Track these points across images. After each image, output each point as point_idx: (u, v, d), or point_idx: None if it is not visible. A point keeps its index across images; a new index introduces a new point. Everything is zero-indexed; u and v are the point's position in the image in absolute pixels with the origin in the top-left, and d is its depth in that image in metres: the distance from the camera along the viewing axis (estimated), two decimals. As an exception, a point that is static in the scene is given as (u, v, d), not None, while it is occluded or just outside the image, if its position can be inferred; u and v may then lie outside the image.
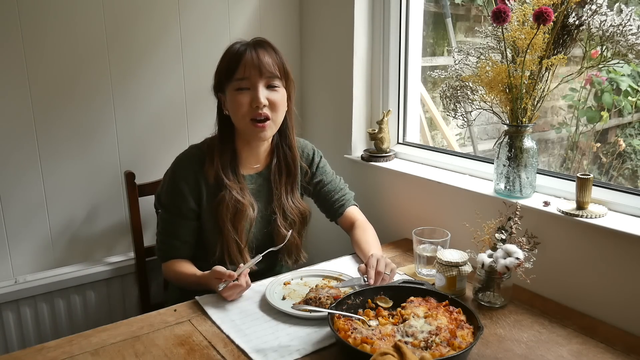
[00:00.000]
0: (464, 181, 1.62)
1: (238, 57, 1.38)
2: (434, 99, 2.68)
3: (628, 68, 2.29)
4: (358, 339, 1.04)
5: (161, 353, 1.11)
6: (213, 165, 1.43)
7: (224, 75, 1.41)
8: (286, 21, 2.10)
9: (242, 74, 1.38)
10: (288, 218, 1.52)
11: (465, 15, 2.92)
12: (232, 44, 1.43)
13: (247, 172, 1.50)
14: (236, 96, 1.39)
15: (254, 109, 1.38)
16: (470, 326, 1.10)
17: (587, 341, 1.16)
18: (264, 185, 1.52)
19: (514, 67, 1.37)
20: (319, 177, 1.62)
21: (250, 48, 1.39)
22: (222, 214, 1.42)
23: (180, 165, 1.47)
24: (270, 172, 1.52)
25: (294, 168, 1.54)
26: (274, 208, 1.51)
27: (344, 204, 1.63)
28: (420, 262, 1.46)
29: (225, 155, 1.45)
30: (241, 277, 1.29)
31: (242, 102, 1.38)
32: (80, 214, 1.79)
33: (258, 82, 1.38)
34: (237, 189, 1.44)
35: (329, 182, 1.63)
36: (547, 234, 1.34)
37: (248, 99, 1.38)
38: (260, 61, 1.37)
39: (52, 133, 1.69)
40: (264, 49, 1.40)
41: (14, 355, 1.12)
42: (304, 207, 1.56)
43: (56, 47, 1.66)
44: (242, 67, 1.37)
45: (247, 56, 1.38)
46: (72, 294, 1.76)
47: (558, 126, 2.73)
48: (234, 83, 1.39)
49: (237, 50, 1.40)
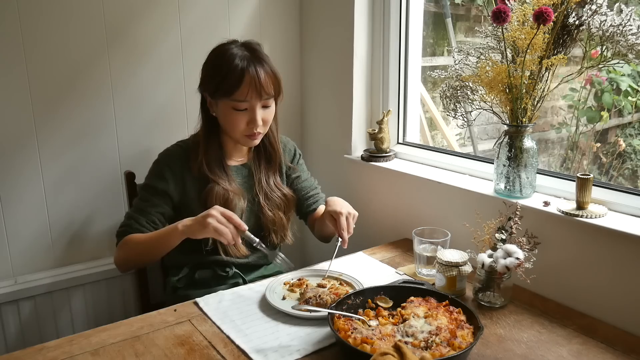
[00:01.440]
0: (464, 181, 1.62)
1: (239, 75, 1.37)
2: (434, 99, 2.68)
3: (628, 68, 2.29)
4: (358, 339, 1.04)
5: (161, 353, 1.11)
6: (198, 159, 1.45)
7: (222, 90, 1.39)
8: (286, 21, 2.10)
9: (243, 96, 1.38)
10: (272, 200, 1.55)
11: (465, 15, 2.92)
12: (226, 50, 1.41)
13: (233, 164, 1.54)
14: (233, 115, 1.41)
15: (249, 128, 1.42)
16: (470, 326, 1.10)
17: (587, 341, 1.16)
18: (249, 177, 1.55)
19: (514, 67, 1.37)
20: (298, 173, 1.66)
21: (251, 66, 1.37)
22: (212, 204, 1.43)
23: (166, 155, 1.49)
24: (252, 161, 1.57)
25: (274, 155, 1.57)
26: (256, 191, 1.54)
27: (317, 200, 1.67)
28: (420, 262, 1.46)
29: (211, 149, 1.48)
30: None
31: (240, 122, 1.41)
32: (80, 214, 1.79)
33: (257, 104, 1.40)
34: (224, 179, 1.47)
35: (305, 180, 1.67)
36: (547, 234, 1.34)
37: (245, 119, 1.41)
38: (260, 83, 1.38)
39: (52, 133, 1.69)
40: (262, 66, 1.39)
41: (14, 355, 1.12)
42: (287, 190, 1.59)
43: (56, 47, 1.66)
44: (244, 89, 1.37)
45: (249, 77, 1.37)
46: (72, 294, 1.76)
47: (558, 126, 2.74)
48: (233, 102, 1.39)
49: (239, 68, 1.37)
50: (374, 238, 1.84)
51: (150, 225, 1.44)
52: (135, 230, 1.42)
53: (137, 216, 1.44)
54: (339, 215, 1.42)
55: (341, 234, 1.41)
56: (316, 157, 2.14)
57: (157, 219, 1.45)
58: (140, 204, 1.46)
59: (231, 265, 1.51)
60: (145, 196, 1.46)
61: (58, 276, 1.73)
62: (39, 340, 1.63)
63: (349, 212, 1.45)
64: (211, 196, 1.44)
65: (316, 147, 2.15)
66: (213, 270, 1.49)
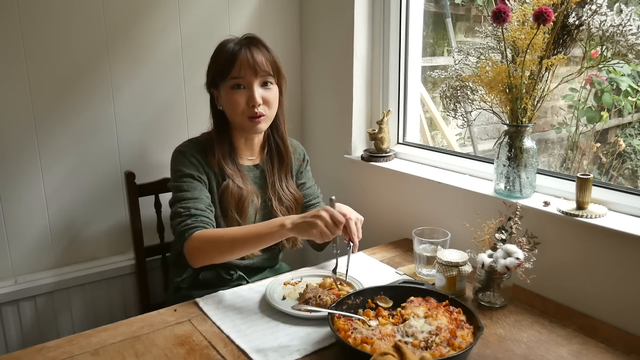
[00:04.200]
0: (464, 181, 1.62)
1: (233, 56, 1.40)
2: (434, 99, 2.69)
3: (628, 68, 2.29)
4: (358, 339, 1.04)
5: (161, 353, 1.11)
6: (215, 156, 1.46)
7: (219, 74, 1.42)
8: (286, 21, 2.10)
9: (237, 73, 1.40)
10: (284, 203, 1.55)
11: (465, 15, 2.92)
12: (224, 42, 1.45)
13: (244, 163, 1.54)
14: (232, 95, 1.41)
15: (250, 107, 1.42)
16: (470, 326, 1.10)
17: (587, 341, 1.16)
18: (260, 177, 1.55)
19: (514, 67, 1.37)
20: (303, 180, 1.66)
21: (244, 47, 1.41)
22: (227, 202, 1.44)
23: (184, 148, 1.47)
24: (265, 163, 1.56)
25: (286, 157, 1.57)
26: (270, 194, 1.53)
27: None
28: (420, 262, 1.46)
29: (223, 147, 1.48)
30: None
31: (239, 101, 1.41)
32: (80, 214, 1.79)
33: (253, 81, 1.41)
34: (238, 177, 1.47)
35: (310, 187, 1.67)
36: (547, 234, 1.34)
37: (244, 98, 1.41)
38: (254, 60, 1.40)
39: (52, 133, 1.69)
40: (257, 48, 1.42)
41: (14, 355, 1.12)
42: (298, 194, 1.59)
43: (56, 47, 1.66)
44: (237, 67, 1.40)
45: (242, 55, 1.40)
46: (72, 294, 1.76)
47: (558, 126, 2.74)
48: (230, 81, 1.41)
49: (232, 50, 1.41)
50: (374, 238, 1.84)
51: (209, 209, 1.39)
52: (201, 219, 1.35)
53: (192, 204, 1.36)
54: (348, 220, 1.41)
55: (353, 238, 1.42)
56: (316, 157, 2.14)
57: (209, 201, 1.41)
58: (186, 193, 1.38)
59: (235, 269, 1.50)
60: (187, 186, 1.40)
61: (58, 276, 1.73)
62: (39, 340, 1.63)
63: (357, 217, 1.47)
64: (226, 194, 1.44)
65: (316, 147, 2.15)
66: (217, 272, 1.48)
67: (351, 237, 1.42)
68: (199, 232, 1.32)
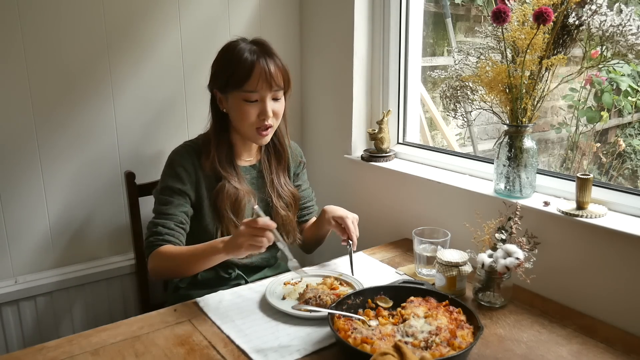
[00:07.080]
0: (464, 181, 1.62)
1: (249, 67, 1.38)
2: (434, 99, 2.69)
3: (628, 68, 2.30)
4: (358, 339, 1.04)
5: (161, 353, 1.11)
6: (209, 158, 1.45)
7: (232, 82, 1.40)
8: (286, 21, 2.10)
9: (254, 87, 1.38)
10: (284, 199, 1.56)
11: (465, 15, 2.93)
12: (234, 45, 1.42)
13: (242, 164, 1.54)
14: (244, 106, 1.41)
15: (260, 120, 1.42)
16: (470, 326, 1.10)
17: (587, 341, 1.16)
18: (258, 177, 1.55)
19: (514, 67, 1.37)
20: (299, 182, 1.67)
21: (261, 58, 1.39)
22: (222, 202, 1.44)
23: (178, 154, 1.48)
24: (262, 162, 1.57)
25: (283, 154, 1.58)
26: (269, 192, 1.54)
27: (311, 212, 1.70)
28: (420, 262, 1.46)
29: (221, 148, 1.47)
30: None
31: (250, 113, 1.41)
32: (80, 214, 1.79)
33: (267, 95, 1.41)
34: (234, 178, 1.47)
35: (305, 190, 1.69)
36: (547, 234, 1.34)
37: (256, 111, 1.41)
38: (270, 74, 1.39)
39: (52, 133, 1.69)
40: (271, 58, 1.41)
41: (14, 355, 1.12)
42: (295, 191, 1.61)
43: (56, 47, 1.66)
44: (254, 80, 1.38)
45: (259, 68, 1.38)
46: (72, 294, 1.76)
47: (558, 126, 2.74)
48: (243, 94, 1.40)
49: (249, 60, 1.38)
50: (374, 238, 1.84)
51: (179, 227, 1.41)
52: (165, 237, 1.38)
53: (163, 221, 1.40)
54: (345, 220, 1.47)
55: (351, 237, 1.47)
56: (316, 157, 2.14)
57: (183, 219, 1.43)
58: (163, 208, 1.42)
59: (234, 267, 1.51)
60: (165, 199, 1.43)
61: (58, 276, 1.73)
62: (39, 340, 1.63)
63: (353, 216, 1.50)
64: (221, 194, 1.44)
65: (316, 147, 2.16)
66: (216, 271, 1.49)
67: (350, 236, 1.46)
68: (157, 250, 1.36)
